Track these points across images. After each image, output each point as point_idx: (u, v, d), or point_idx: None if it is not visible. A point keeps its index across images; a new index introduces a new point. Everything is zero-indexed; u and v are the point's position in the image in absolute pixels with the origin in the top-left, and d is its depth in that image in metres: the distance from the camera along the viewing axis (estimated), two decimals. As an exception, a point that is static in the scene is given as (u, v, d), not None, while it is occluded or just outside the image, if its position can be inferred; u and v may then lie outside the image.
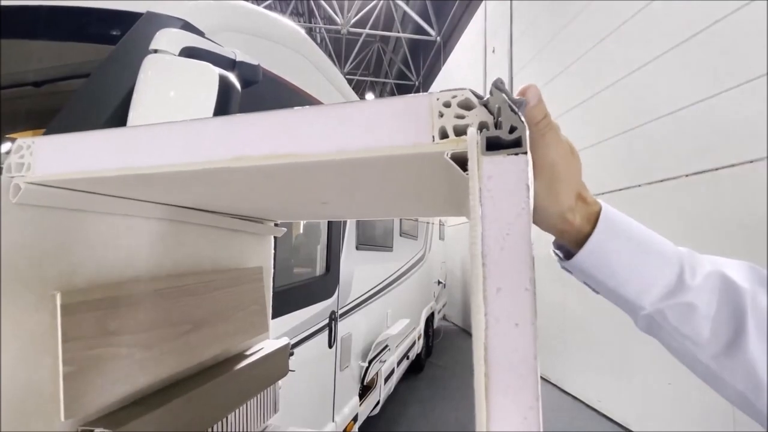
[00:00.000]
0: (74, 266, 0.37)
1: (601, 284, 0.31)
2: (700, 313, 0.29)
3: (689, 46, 2.58)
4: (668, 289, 0.29)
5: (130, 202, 0.40)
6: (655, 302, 0.29)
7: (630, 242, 0.30)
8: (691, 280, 0.29)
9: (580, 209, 0.30)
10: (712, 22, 2.40)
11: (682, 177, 2.64)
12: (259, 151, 0.26)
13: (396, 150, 0.24)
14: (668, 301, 0.29)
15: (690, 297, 0.29)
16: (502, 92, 0.20)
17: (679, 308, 0.29)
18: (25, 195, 0.32)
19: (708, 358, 0.29)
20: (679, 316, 0.29)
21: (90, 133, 0.31)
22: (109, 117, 0.79)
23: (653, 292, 0.29)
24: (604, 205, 0.31)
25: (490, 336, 0.18)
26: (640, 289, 0.29)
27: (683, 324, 0.29)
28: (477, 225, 0.19)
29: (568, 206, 0.29)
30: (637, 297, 0.30)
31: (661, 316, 0.29)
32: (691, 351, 0.30)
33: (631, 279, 0.30)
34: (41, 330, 0.33)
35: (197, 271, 0.51)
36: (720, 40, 2.37)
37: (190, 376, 0.46)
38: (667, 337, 0.31)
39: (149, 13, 0.95)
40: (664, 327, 0.30)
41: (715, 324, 0.29)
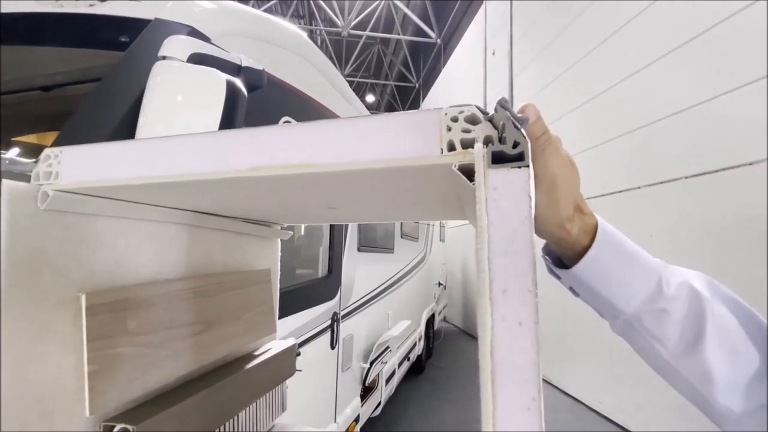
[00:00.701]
0: (95, 268, 0.38)
1: (593, 291, 0.34)
2: (671, 318, 0.32)
3: (689, 48, 2.60)
4: (648, 297, 0.33)
5: (147, 208, 0.42)
6: (636, 308, 0.33)
7: (622, 255, 0.33)
8: (667, 290, 0.33)
9: (578, 220, 0.32)
10: (712, 24, 2.42)
11: (682, 179, 2.65)
12: (276, 161, 0.28)
13: (406, 161, 0.25)
14: (647, 307, 0.33)
15: (665, 304, 0.32)
16: (506, 110, 0.22)
17: (655, 313, 0.33)
18: (53, 202, 0.34)
19: (671, 357, 0.33)
20: (653, 320, 0.33)
21: (115, 143, 0.33)
22: (120, 121, 0.81)
23: (637, 299, 0.33)
24: (599, 218, 0.34)
25: (496, 334, 0.20)
26: (627, 296, 0.33)
27: (656, 327, 0.33)
28: (484, 232, 0.21)
29: (566, 216, 0.31)
30: (623, 304, 0.33)
31: (638, 320, 0.33)
32: (657, 350, 0.33)
33: (620, 288, 0.33)
34: (65, 330, 0.35)
35: (209, 273, 0.52)
36: (720, 43, 2.39)
37: (202, 375, 0.47)
38: (638, 338, 0.35)
39: (157, 20, 0.97)
40: (638, 329, 0.34)
41: (681, 327, 0.32)
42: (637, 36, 3.05)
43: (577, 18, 3.84)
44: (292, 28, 1.68)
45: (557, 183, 0.29)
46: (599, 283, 0.33)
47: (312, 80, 1.72)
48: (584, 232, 0.33)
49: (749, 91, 2.21)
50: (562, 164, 0.29)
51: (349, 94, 2.26)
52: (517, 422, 0.20)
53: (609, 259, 0.32)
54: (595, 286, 0.33)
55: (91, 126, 0.79)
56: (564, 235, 0.32)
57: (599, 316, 0.39)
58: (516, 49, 5.21)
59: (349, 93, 2.26)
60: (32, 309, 0.33)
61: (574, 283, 0.35)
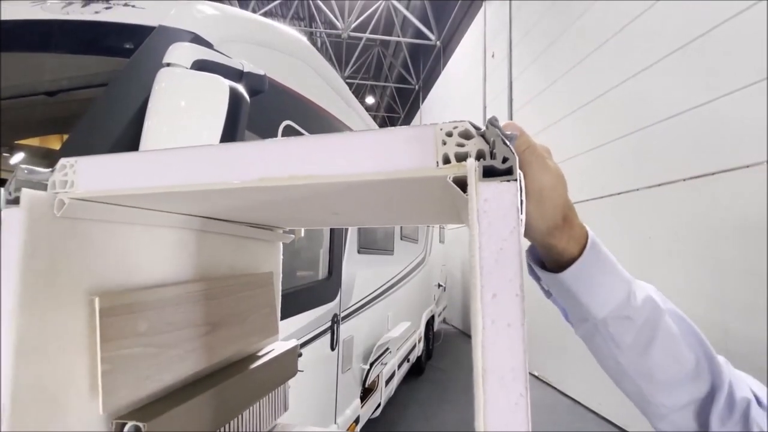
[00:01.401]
0: (107, 272, 0.40)
1: (573, 296, 0.37)
2: (632, 325, 0.36)
3: (687, 51, 2.62)
4: (618, 305, 0.36)
5: (157, 214, 0.43)
6: (606, 314, 0.36)
7: (605, 266, 0.36)
8: (634, 301, 0.36)
9: (568, 229, 0.35)
10: (710, 28, 2.45)
11: (680, 181, 2.67)
12: (282, 172, 0.30)
13: (405, 173, 0.27)
14: (615, 314, 0.36)
15: (630, 312, 0.36)
16: (496, 128, 0.23)
17: (620, 320, 0.36)
18: (68, 209, 0.35)
19: (623, 358, 0.37)
20: (617, 326, 0.36)
21: (128, 154, 0.34)
22: (126, 126, 0.83)
23: (609, 306, 0.36)
24: (590, 231, 0.36)
25: (486, 335, 0.22)
26: (601, 303, 0.36)
27: (617, 332, 0.37)
28: (475, 240, 0.22)
29: (555, 224, 0.34)
30: (596, 309, 0.37)
31: (604, 324, 0.37)
32: (613, 352, 0.38)
33: (597, 295, 0.36)
34: (79, 331, 0.37)
35: (215, 276, 0.54)
36: (717, 46, 2.42)
37: (209, 374, 0.49)
38: (599, 341, 0.38)
39: (161, 26, 0.99)
40: (601, 333, 0.37)
41: (637, 333, 0.36)
42: (636, 39, 3.07)
43: (575, 21, 3.87)
44: (293, 33, 1.70)
45: (545, 194, 0.31)
46: (580, 289, 0.36)
47: (312, 84, 1.74)
48: (573, 241, 0.35)
49: (747, 94, 2.24)
50: (549, 176, 0.31)
51: (349, 96, 2.28)
52: (506, 417, 0.21)
53: (593, 268, 0.36)
54: (576, 291, 0.36)
55: (99, 130, 0.81)
56: (554, 243, 0.35)
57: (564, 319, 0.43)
58: (515, 52, 5.23)
59: (349, 96, 2.28)
60: (48, 311, 0.34)
61: (555, 286, 0.38)
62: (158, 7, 1.06)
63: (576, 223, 0.35)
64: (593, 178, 3.49)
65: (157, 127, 0.83)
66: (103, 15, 1.02)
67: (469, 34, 7.20)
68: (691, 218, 2.57)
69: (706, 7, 2.48)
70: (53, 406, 0.34)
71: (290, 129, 1.50)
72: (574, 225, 0.35)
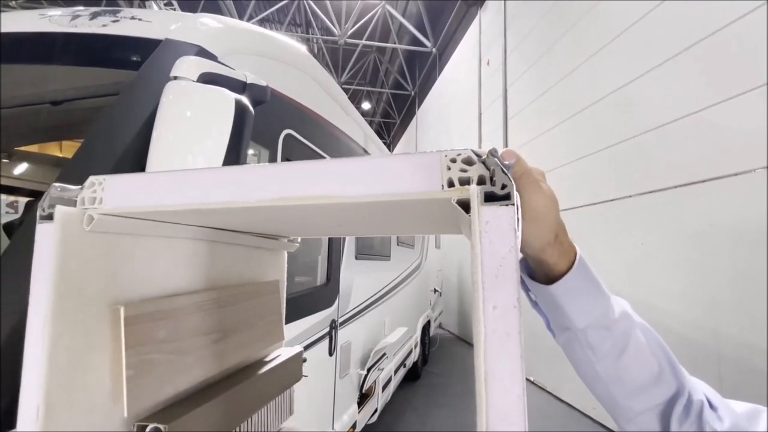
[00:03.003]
0: (129, 282, 0.42)
1: (558, 307, 0.41)
2: (609, 334, 0.40)
3: (678, 61, 2.69)
4: (599, 317, 0.40)
5: (176, 227, 0.46)
6: (586, 324, 0.40)
7: (590, 281, 0.40)
8: (612, 314, 0.41)
9: (558, 247, 0.39)
10: (701, 38, 2.51)
11: (671, 188, 2.73)
12: (297, 193, 0.33)
13: (413, 196, 0.30)
14: (595, 324, 0.40)
15: (608, 323, 0.40)
16: (496, 158, 0.26)
17: (598, 331, 0.40)
18: (97, 224, 0.38)
19: (599, 366, 0.41)
20: (595, 335, 0.40)
21: (152, 174, 0.37)
22: (135, 135, 0.85)
23: (590, 317, 0.40)
24: (578, 249, 0.40)
25: (488, 343, 0.24)
26: (583, 314, 0.40)
27: (595, 341, 0.41)
28: (477, 258, 0.25)
29: (547, 241, 0.38)
30: (578, 320, 0.40)
31: (584, 333, 0.41)
32: (590, 359, 0.41)
33: (581, 307, 0.40)
34: (105, 338, 0.39)
35: (226, 285, 0.56)
36: (708, 56, 2.48)
37: (222, 379, 0.51)
38: (577, 348, 0.42)
39: (167, 40, 1.02)
40: (580, 341, 0.41)
41: (612, 342, 0.40)
42: (628, 48, 3.15)
43: (569, 31, 3.95)
44: (293, 43, 1.73)
45: (539, 215, 0.35)
46: (566, 301, 0.40)
47: (312, 93, 1.77)
48: (563, 257, 0.39)
49: (735, 103, 2.30)
50: (544, 199, 0.35)
51: (347, 105, 2.31)
52: (506, 416, 0.24)
53: (579, 283, 0.40)
54: (562, 303, 0.40)
55: (109, 140, 0.84)
56: (545, 258, 0.39)
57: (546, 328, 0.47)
58: (510, 60, 5.31)
59: (347, 104, 2.31)
60: (78, 320, 0.37)
61: (542, 297, 0.42)
62: (164, 20, 1.09)
63: (566, 240, 0.39)
64: (586, 185, 3.55)
65: (165, 137, 0.85)
66: (111, 28, 1.04)
67: (465, 41, 7.29)
68: (682, 225, 2.63)
69: (697, 18, 2.55)
70: (82, 408, 0.36)
71: (291, 137, 1.53)
72: (564, 243, 0.39)
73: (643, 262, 2.91)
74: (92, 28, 1.04)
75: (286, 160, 1.50)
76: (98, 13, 1.08)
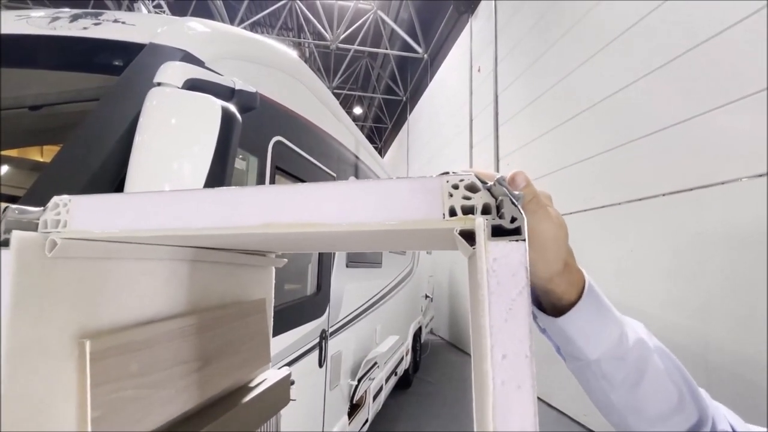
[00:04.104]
0: (99, 311, 0.39)
1: (568, 338, 0.38)
2: (623, 364, 0.38)
3: (668, 70, 2.72)
4: (612, 347, 0.38)
5: (151, 247, 0.42)
6: (599, 354, 0.38)
7: (600, 310, 0.38)
8: (626, 342, 0.38)
9: (567, 275, 0.36)
10: (691, 47, 2.55)
11: (660, 196, 2.76)
12: (287, 219, 0.29)
13: (411, 224, 0.27)
14: (608, 355, 0.38)
15: (622, 353, 0.38)
16: (504, 188, 0.24)
17: (613, 360, 0.38)
18: (60, 249, 0.34)
19: (614, 395, 0.39)
20: (609, 366, 0.38)
21: (124, 195, 0.34)
22: (116, 143, 0.81)
23: (602, 348, 0.38)
24: (586, 276, 0.37)
25: (497, 396, 0.22)
26: (595, 345, 0.38)
27: (609, 371, 0.38)
28: (485, 300, 0.23)
29: (556, 271, 0.35)
30: (590, 351, 0.38)
31: (597, 364, 0.38)
32: (605, 389, 0.39)
33: (593, 338, 0.38)
34: (69, 376, 0.35)
35: (207, 308, 0.53)
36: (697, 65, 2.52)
37: (202, 410, 0.48)
38: (590, 377, 0.40)
39: (152, 44, 0.98)
40: (594, 370, 0.39)
41: (628, 372, 0.38)
42: (619, 56, 3.18)
43: (560, 39, 3.99)
44: (283, 48, 1.70)
45: (547, 243, 0.32)
46: (576, 333, 0.37)
47: (303, 99, 1.74)
48: (572, 286, 0.36)
49: (726, 111, 2.33)
50: (552, 226, 0.32)
51: (339, 111, 2.29)
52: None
53: (589, 313, 0.37)
54: (572, 334, 0.37)
55: (86, 151, 0.79)
56: (553, 288, 0.36)
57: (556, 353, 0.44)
58: (501, 67, 5.35)
59: (339, 110, 2.29)
60: (37, 358, 0.33)
61: (551, 328, 0.39)
62: (149, 24, 1.05)
63: (575, 268, 0.37)
64: (577, 191, 3.57)
65: (147, 146, 0.81)
66: (92, 31, 1.00)
67: (456, 48, 7.34)
68: (671, 232, 2.65)
69: (687, 28, 2.59)
70: (40, 457, 0.33)
71: (281, 144, 1.50)
72: (573, 270, 0.36)
73: (634, 268, 2.92)
74: (72, 30, 0.99)
75: (276, 167, 1.46)
76: (79, 15, 1.03)
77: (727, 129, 2.32)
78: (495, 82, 5.41)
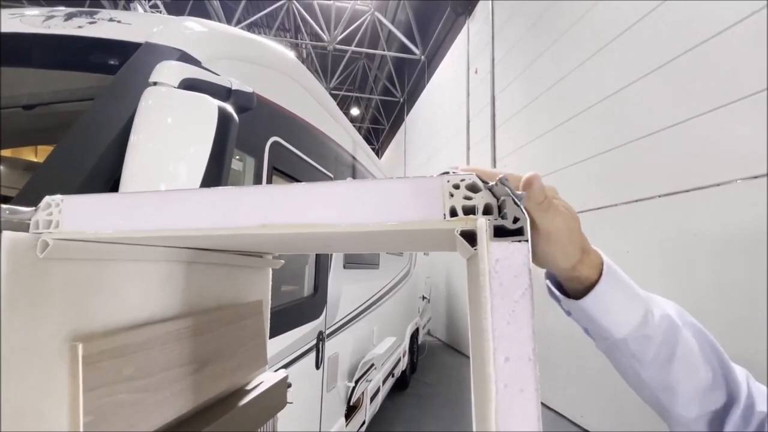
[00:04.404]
0: (92, 312, 0.38)
1: (592, 319, 0.38)
2: (651, 343, 0.38)
3: (664, 72, 2.73)
4: (637, 325, 0.38)
5: (146, 249, 0.42)
6: (625, 334, 0.38)
7: (621, 288, 0.38)
8: (652, 320, 0.38)
9: (586, 260, 0.36)
10: (686, 49, 2.56)
11: (656, 197, 2.77)
12: (286, 219, 0.29)
13: (411, 225, 0.27)
14: (634, 334, 0.38)
15: (649, 331, 0.38)
16: (507, 187, 0.23)
17: (640, 339, 0.38)
18: (52, 250, 0.33)
19: (644, 373, 0.39)
20: (636, 344, 0.38)
21: (119, 195, 0.33)
22: (111, 143, 0.80)
23: (628, 327, 0.38)
24: (604, 257, 0.38)
25: (499, 400, 0.21)
26: (620, 324, 0.38)
27: (638, 349, 0.38)
28: (487, 302, 0.22)
29: (576, 260, 0.36)
30: (615, 330, 0.38)
31: (624, 343, 0.38)
32: (635, 367, 0.39)
33: (616, 317, 0.38)
34: (62, 380, 0.34)
35: (203, 310, 0.52)
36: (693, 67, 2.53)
37: (198, 413, 0.47)
38: (620, 356, 0.40)
39: (148, 43, 0.97)
40: (622, 350, 0.39)
41: (657, 350, 0.38)
42: (614, 58, 3.20)
43: (556, 41, 4.00)
44: (281, 49, 1.70)
45: (564, 237, 0.33)
46: (599, 313, 0.37)
47: (300, 100, 1.73)
48: (591, 268, 0.37)
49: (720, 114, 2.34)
50: (565, 219, 0.33)
51: (336, 112, 2.28)
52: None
53: (611, 292, 0.37)
54: (595, 315, 0.37)
55: (82, 148, 0.78)
56: (576, 275, 0.37)
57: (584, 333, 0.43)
58: (498, 69, 5.37)
59: (336, 111, 2.28)
60: (28, 361, 0.32)
61: (574, 310, 0.39)
62: (145, 23, 1.04)
63: (591, 250, 0.37)
64: (573, 192, 3.58)
65: (142, 145, 0.80)
66: (87, 30, 0.99)
67: (453, 49, 7.35)
68: (666, 233, 2.66)
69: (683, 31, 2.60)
70: (30, 464, 0.32)
71: (278, 145, 1.49)
72: (591, 252, 0.37)
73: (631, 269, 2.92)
74: (67, 29, 0.98)
75: (274, 168, 1.46)
76: (74, 14, 1.02)
77: (721, 131, 2.33)
78: (492, 83, 5.42)
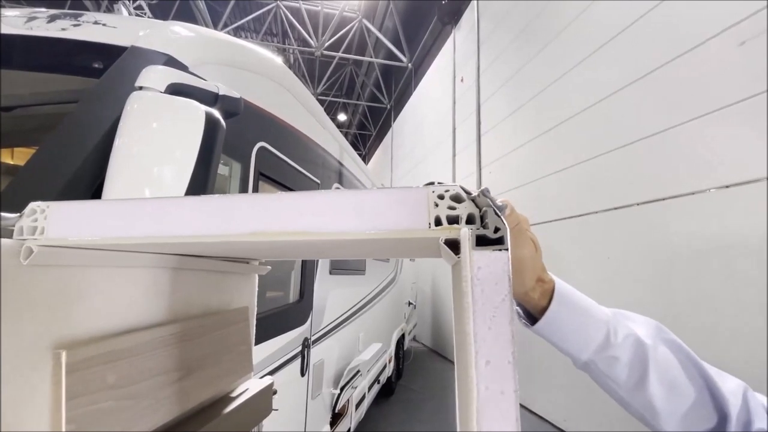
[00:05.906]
0: (76, 320, 0.38)
1: (552, 343, 0.40)
2: (620, 363, 0.38)
3: (643, 84, 2.83)
4: (598, 347, 0.38)
5: (131, 255, 0.42)
6: (589, 356, 0.39)
7: (575, 311, 0.39)
8: (615, 340, 0.38)
9: (539, 288, 0.38)
10: (667, 60, 2.66)
11: (634, 205, 2.85)
12: (275, 227, 0.30)
13: (397, 234, 0.28)
14: (598, 355, 0.39)
15: (613, 352, 0.38)
16: (488, 198, 0.25)
17: (606, 359, 0.39)
18: (37, 257, 0.33)
19: (623, 392, 0.39)
20: (605, 365, 0.39)
21: (108, 202, 0.33)
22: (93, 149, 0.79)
23: (589, 349, 0.38)
24: (556, 281, 0.39)
25: (481, 401, 0.22)
26: (580, 346, 0.39)
27: (608, 370, 0.39)
28: (469, 307, 0.23)
29: (530, 287, 0.37)
30: (577, 352, 0.39)
31: (594, 364, 0.39)
32: (612, 387, 0.40)
33: (574, 339, 0.39)
34: (44, 389, 0.34)
35: (188, 316, 0.52)
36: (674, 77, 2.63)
37: (183, 421, 0.46)
38: (596, 375, 0.41)
39: (133, 47, 0.97)
40: (593, 370, 0.40)
41: (628, 370, 0.38)
42: (597, 69, 3.30)
43: (541, 51, 4.11)
44: (268, 54, 1.70)
45: (525, 264, 0.35)
46: (557, 338, 0.39)
47: (287, 105, 1.74)
48: (544, 296, 0.38)
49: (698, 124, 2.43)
50: (529, 249, 0.35)
51: (323, 117, 2.29)
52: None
53: (565, 317, 0.38)
54: (554, 341, 0.39)
55: (64, 152, 0.77)
56: (528, 299, 0.39)
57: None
58: (483, 78, 5.47)
59: (323, 116, 2.29)
60: (12, 369, 0.32)
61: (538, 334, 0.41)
62: (131, 26, 1.03)
63: (546, 279, 0.39)
64: (555, 200, 3.66)
65: (127, 149, 0.79)
66: (71, 32, 0.97)
67: (440, 58, 7.46)
68: (643, 241, 2.74)
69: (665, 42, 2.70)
70: (10, 474, 0.31)
71: (264, 150, 1.49)
72: (545, 281, 0.38)
73: (611, 276, 3.00)
74: (50, 31, 0.97)
75: (260, 173, 1.45)
76: (57, 15, 1.01)
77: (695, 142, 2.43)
78: (477, 92, 5.52)
